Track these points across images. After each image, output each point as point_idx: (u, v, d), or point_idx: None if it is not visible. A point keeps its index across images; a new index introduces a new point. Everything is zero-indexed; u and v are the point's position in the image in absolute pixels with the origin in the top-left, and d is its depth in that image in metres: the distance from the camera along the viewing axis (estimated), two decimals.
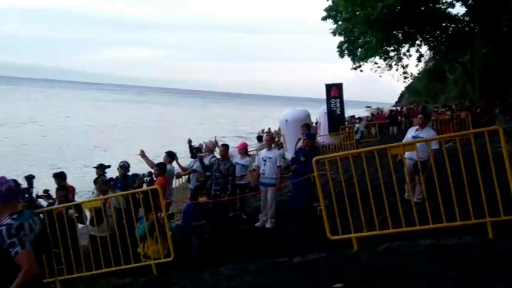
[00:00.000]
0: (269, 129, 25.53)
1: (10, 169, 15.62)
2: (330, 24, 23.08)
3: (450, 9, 21.55)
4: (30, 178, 7.92)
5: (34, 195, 7.72)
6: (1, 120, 38.36)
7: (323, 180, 6.52)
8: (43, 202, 7.68)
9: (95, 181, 7.83)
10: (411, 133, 7.63)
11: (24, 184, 7.51)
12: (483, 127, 5.27)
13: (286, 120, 17.85)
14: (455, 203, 4.91)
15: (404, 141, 7.15)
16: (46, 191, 7.87)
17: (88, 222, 6.45)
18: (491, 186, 4.76)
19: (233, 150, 9.97)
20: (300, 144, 9.20)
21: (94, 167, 9.13)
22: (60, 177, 8.26)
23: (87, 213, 6.38)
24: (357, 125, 19.65)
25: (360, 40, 21.32)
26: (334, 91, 20.54)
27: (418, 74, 39.52)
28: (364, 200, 5.49)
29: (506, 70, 19.75)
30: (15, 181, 3.23)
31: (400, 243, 5.07)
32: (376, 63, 24.85)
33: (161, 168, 8.25)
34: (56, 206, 6.32)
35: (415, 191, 7.07)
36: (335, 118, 20.08)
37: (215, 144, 9.77)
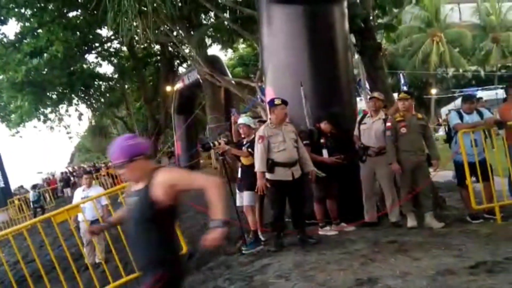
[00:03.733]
0: None
1: None
2: None
3: (99, 69, 22.52)
4: None
5: None
6: None
7: None
8: None
9: None
10: (79, 194, 7.39)
11: None
12: None
13: None
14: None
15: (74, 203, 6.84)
16: None
17: None
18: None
19: None
20: None
21: None
22: None
23: None
24: (33, 193, 17.74)
25: (11, 105, 19.61)
26: None
27: (85, 132, 39.52)
28: (38, 281, 4.94)
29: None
30: None
31: None
32: (35, 126, 23.31)
33: None
34: None
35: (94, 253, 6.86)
36: None
37: None
